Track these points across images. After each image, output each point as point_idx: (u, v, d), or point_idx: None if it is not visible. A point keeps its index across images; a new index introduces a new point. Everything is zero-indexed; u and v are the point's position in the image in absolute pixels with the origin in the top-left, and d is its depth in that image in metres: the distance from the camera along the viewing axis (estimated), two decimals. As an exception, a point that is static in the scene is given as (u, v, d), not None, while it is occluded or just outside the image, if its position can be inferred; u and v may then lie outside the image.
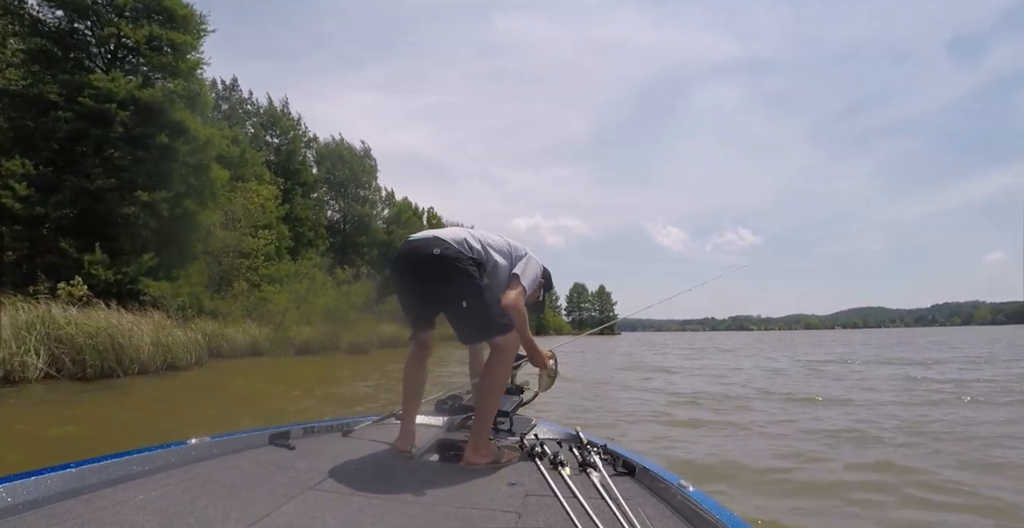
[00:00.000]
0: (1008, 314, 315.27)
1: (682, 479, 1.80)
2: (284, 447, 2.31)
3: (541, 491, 1.84)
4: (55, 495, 1.55)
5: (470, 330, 2.28)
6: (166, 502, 1.58)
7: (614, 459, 2.19)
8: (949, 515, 3.44)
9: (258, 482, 1.83)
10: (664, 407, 7.75)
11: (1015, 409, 7.26)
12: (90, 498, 1.57)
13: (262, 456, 2.17)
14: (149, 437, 4.87)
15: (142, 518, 1.45)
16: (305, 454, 2.23)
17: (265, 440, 2.35)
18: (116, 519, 1.43)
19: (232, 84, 37.05)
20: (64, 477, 1.61)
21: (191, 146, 18.15)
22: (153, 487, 1.70)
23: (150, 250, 16.96)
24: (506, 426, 2.73)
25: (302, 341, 21.24)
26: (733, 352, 25.50)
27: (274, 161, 34.73)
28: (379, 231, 44.30)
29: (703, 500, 1.62)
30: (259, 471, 1.96)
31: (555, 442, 2.52)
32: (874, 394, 9.03)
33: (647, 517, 1.60)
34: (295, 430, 2.51)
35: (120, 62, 18.83)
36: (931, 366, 14.43)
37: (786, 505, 3.62)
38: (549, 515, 1.62)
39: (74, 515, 1.44)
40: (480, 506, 1.70)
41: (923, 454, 4.89)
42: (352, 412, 6.79)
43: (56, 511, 1.46)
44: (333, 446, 2.42)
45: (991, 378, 11.11)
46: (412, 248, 2.28)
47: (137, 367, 11.25)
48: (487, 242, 2.39)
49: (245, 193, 24.09)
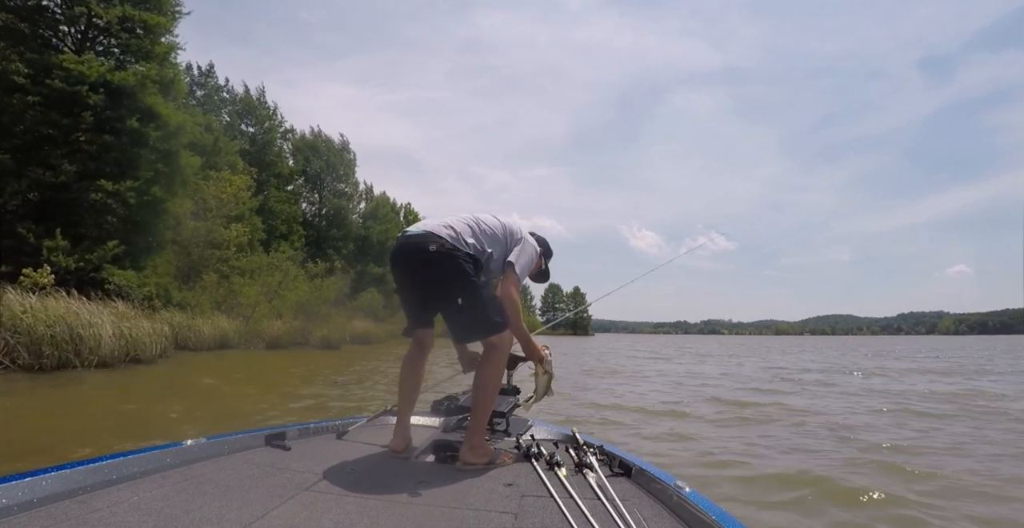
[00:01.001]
0: (970, 325, 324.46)
1: (678, 480, 1.81)
2: (280, 448, 2.31)
3: (537, 492, 1.85)
4: (51, 496, 1.54)
5: (464, 328, 2.25)
6: (162, 503, 1.58)
7: (610, 460, 2.19)
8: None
9: (254, 483, 1.83)
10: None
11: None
12: (85, 499, 1.57)
13: (258, 457, 2.17)
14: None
15: (138, 519, 1.45)
16: (301, 455, 2.23)
17: (261, 441, 2.35)
18: (112, 520, 1.43)
19: (209, 70, 36.21)
20: (60, 478, 1.60)
21: (162, 132, 17.59)
22: (149, 488, 1.70)
23: (116, 237, 16.38)
24: (502, 427, 2.74)
25: (272, 335, 20.88)
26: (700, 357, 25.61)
27: (249, 151, 33.96)
28: (355, 226, 43.70)
29: (699, 501, 1.62)
30: (255, 472, 1.96)
31: (551, 443, 2.54)
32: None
33: (643, 518, 1.61)
34: (291, 431, 2.51)
35: (91, 43, 18.20)
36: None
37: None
38: (545, 516, 1.62)
39: (69, 516, 1.44)
40: (476, 507, 1.70)
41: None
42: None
43: (52, 512, 1.46)
44: (329, 447, 2.41)
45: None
46: (407, 243, 2.26)
47: (96, 359, 10.80)
48: (483, 230, 2.35)
49: (217, 182, 23.47)
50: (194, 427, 5.85)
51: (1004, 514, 3.62)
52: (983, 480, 4.32)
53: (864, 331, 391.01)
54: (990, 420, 7.17)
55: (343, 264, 35.18)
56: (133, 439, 5.03)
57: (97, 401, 7.82)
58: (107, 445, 4.78)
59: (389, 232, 44.28)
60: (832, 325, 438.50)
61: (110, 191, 16.13)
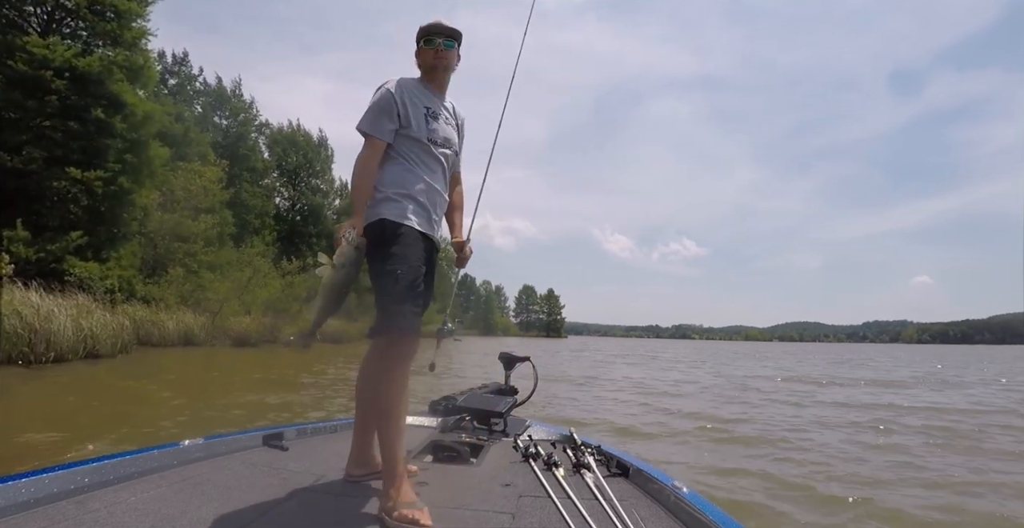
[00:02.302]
0: (933, 334, 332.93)
1: (676, 480, 1.81)
2: (277, 448, 2.29)
3: (535, 492, 1.85)
4: (49, 497, 1.54)
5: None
6: (159, 504, 1.57)
7: (608, 460, 2.19)
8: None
9: (251, 484, 1.83)
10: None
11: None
12: (83, 500, 1.56)
13: (255, 457, 2.16)
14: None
15: (135, 520, 1.45)
16: (298, 455, 2.22)
17: (258, 441, 2.34)
18: (110, 521, 1.43)
19: (183, 58, 35.38)
20: (58, 479, 1.61)
21: (129, 121, 17.06)
22: (146, 489, 1.70)
23: (79, 228, 15.83)
24: (500, 427, 2.75)
25: (240, 332, 20.39)
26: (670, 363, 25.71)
27: (221, 143, 33.28)
28: (331, 222, 43.10)
29: (697, 501, 1.63)
30: (252, 473, 1.96)
31: (549, 443, 2.54)
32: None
33: (641, 518, 1.61)
34: (288, 432, 2.49)
35: (58, 25, 17.59)
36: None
37: None
38: (543, 516, 1.63)
39: (67, 517, 1.43)
40: (474, 507, 1.70)
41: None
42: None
43: (50, 513, 1.45)
44: (326, 447, 2.39)
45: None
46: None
47: (53, 354, 10.34)
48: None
49: (186, 173, 22.84)
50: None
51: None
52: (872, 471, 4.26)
53: (830, 338, 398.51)
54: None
55: (316, 261, 34.60)
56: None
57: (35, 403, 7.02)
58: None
59: (363, 229, 43.80)
60: (800, 332, 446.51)
61: (76, 179, 15.60)
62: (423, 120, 1.99)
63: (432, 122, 2.01)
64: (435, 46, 2.04)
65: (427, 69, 2.08)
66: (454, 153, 2.15)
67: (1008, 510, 3.83)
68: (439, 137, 2.03)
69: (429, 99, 2.05)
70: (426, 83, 2.09)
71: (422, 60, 2.09)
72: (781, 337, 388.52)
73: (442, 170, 2.05)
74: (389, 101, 1.94)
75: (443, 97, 2.14)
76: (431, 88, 2.09)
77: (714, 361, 25.94)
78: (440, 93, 2.13)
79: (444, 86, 2.14)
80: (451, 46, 2.07)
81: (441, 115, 2.06)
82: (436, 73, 2.08)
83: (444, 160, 2.06)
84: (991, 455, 5.65)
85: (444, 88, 2.14)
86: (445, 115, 2.09)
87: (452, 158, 2.13)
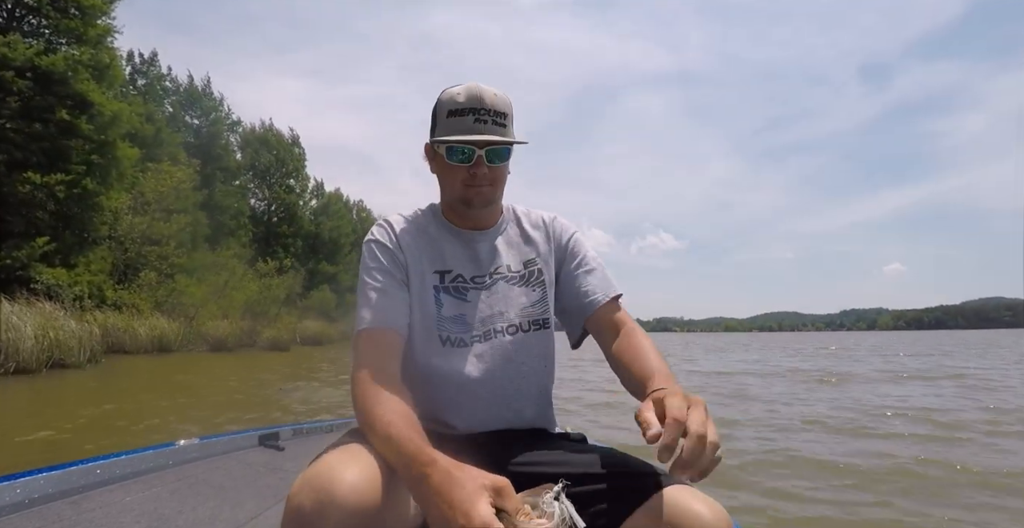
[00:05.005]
0: (908, 321, 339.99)
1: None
2: (273, 448, 2.26)
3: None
4: (43, 497, 1.54)
5: None
6: (155, 504, 1.57)
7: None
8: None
9: (247, 484, 1.82)
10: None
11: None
12: (78, 500, 1.55)
13: (251, 457, 2.14)
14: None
15: (131, 520, 1.45)
16: (294, 455, 2.19)
17: (254, 441, 2.31)
18: (105, 521, 1.43)
19: (151, 58, 34.53)
20: (53, 479, 1.60)
21: (95, 122, 16.55)
22: (142, 489, 1.69)
23: (45, 234, 15.32)
24: None
25: (217, 337, 19.93)
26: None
27: (193, 143, 32.57)
28: (306, 222, 42.50)
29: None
30: (248, 472, 1.95)
31: None
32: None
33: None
34: (284, 431, 2.45)
35: (19, 23, 16.99)
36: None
37: None
38: None
39: (62, 517, 1.43)
40: None
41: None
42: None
43: (44, 513, 1.45)
44: (322, 447, 2.16)
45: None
46: None
47: (14, 365, 9.90)
48: None
49: (157, 174, 22.20)
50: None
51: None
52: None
53: (808, 327, 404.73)
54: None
55: (293, 262, 34.14)
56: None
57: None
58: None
59: (341, 229, 43.45)
60: (779, 322, 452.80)
61: (38, 184, 15.09)
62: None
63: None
64: (471, 161, 1.07)
65: (455, 200, 1.15)
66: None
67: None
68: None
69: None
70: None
71: (445, 180, 1.14)
72: (761, 327, 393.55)
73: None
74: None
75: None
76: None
77: (735, 357, 25.80)
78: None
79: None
80: (504, 159, 1.10)
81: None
82: (472, 208, 1.14)
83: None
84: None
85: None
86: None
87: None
